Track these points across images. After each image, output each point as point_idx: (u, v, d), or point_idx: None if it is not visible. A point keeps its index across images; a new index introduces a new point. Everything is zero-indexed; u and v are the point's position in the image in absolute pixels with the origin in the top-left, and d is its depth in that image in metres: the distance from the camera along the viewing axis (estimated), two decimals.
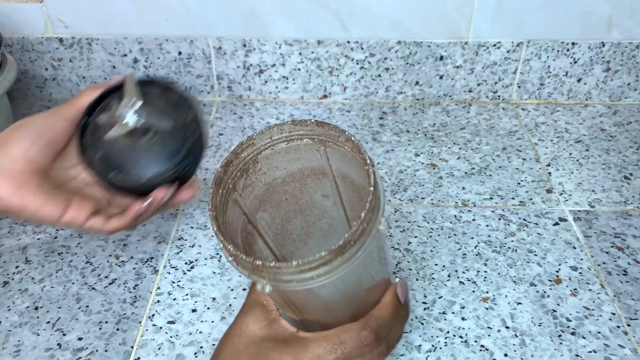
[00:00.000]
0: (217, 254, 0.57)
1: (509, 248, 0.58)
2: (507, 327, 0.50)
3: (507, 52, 0.77)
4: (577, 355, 0.48)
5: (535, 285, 0.54)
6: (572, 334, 0.50)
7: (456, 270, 0.55)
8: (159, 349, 0.48)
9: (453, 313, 0.51)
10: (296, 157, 0.41)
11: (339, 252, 0.32)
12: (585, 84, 0.79)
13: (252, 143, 0.39)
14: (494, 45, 0.76)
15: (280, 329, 0.38)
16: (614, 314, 0.51)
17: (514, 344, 0.49)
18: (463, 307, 0.52)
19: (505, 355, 0.48)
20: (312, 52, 0.77)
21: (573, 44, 0.76)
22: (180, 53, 0.77)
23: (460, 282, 0.54)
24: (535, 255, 0.57)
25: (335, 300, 0.37)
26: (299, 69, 0.78)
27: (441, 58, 0.77)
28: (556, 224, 0.61)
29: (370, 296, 0.39)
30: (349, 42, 0.76)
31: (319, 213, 0.45)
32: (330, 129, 0.38)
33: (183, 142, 0.45)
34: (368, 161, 0.35)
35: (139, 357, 0.48)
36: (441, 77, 0.79)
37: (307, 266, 0.32)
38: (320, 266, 0.32)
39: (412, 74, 0.79)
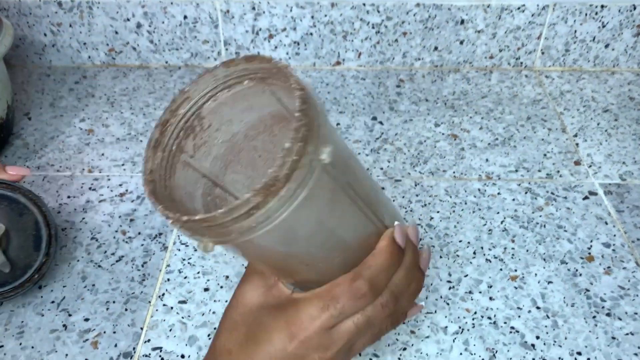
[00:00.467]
0: None
1: (537, 223, 0.55)
2: (538, 308, 0.47)
3: (532, 15, 0.72)
4: (613, 338, 0.45)
5: (567, 263, 0.51)
6: (608, 315, 0.47)
7: (482, 247, 0.52)
8: (170, 330, 0.46)
9: (480, 292, 0.49)
10: (246, 105, 0.36)
11: (267, 192, 0.27)
12: (613, 49, 0.75)
13: (188, 97, 0.34)
14: (518, 8, 0.72)
15: (277, 294, 0.35)
16: None
17: (545, 326, 0.46)
18: (490, 287, 0.49)
19: (537, 337, 0.45)
20: (325, 16, 0.72)
21: (602, 6, 0.71)
22: (185, 17, 0.73)
23: (486, 259, 0.51)
24: (565, 231, 0.54)
25: (305, 252, 0.33)
26: (311, 34, 0.74)
27: (462, 22, 0.73)
28: (586, 197, 0.58)
29: (363, 247, 0.35)
30: (364, 4, 0.71)
31: None
32: (262, 62, 0.32)
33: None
34: (293, 84, 0.29)
35: (149, 339, 0.45)
36: (461, 43, 0.75)
37: (237, 213, 0.28)
38: (252, 210, 0.28)
39: (430, 39, 0.74)
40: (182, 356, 0.44)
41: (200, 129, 0.35)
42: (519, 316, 0.47)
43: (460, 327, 0.46)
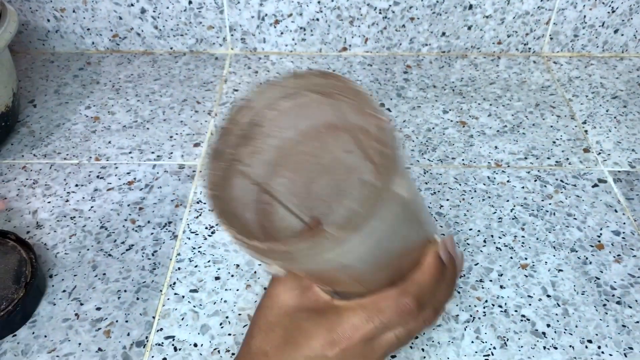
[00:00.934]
0: None
1: (547, 211, 0.55)
2: (548, 296, 0.47)
3: (541, 0, 0.71)
4: (623, 326, 0.45)
5: (577, 251, 0.51)
6: (618, 303, 0.47)
7: (492, 236, 0.52)
8: (182, 319, 0.46)
9: (491, 281, 0.49)
10: (305, 114, 0.36)
11: (351, 227, 0.28)
12: (622, 35, 0.74)
13: (251, 106, 0.34)
14: None
15: (314, 297, 0.36)
16: None
17: (556, 314, 0.46)
18: (501, 275, 0.49)
19: (548, 325, 0.45)
20: (332, 1, 0.72)
21: None
22: (190, 2, 0.72)
23: (497, 247, 0.51)
24: (575, 219, 0.54)
25: (361, 272, 0.33)
26: (318, 19, 0.73)
27: (470, 7, 0.72)
28: (595, 185, 0.58)
29: (407, 260, 0.36)
30: None
31: (346, 170, 0.40)
32: (337, 81, 0.32)
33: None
34: (378, 114, 0.29)
35: (161, 328, 0.45)
36: (469, 28, 0.74)
37: (318, 248, 0.28)
38: (333, 245, 0.28)
39: (438, 24, 0.74)
40: (195, 345, 0.44)
41: (258, 136, 0.35)
42: (530, 304, 0.47)
43: (471, 316, 0.46)
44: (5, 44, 0.57)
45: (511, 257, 0.51)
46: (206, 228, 0.53)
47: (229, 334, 0.45)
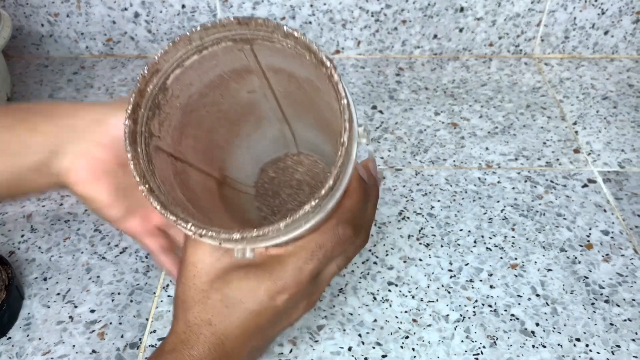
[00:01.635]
0: None
1: (537, 212, 0.55)
2: (537, 295, 0.48)
3: (532, 2, 0.72)
4: (611, 324, 0.46)
5: (566, 251, 0.52)
6: (606, 301, 0.47)
7: (482, 236, 0.53)
8: None
9: (481, 281, 0.49)
10: (212, 64, 0.32)
11: (324, 198, 0.29)
12: (612, 36, 0.75)
13: (157, 69, 0.31)
14: None
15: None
16: None
17: (545, 313, 0.47)
18: (491, 275, 0.50)
19: (537, 324, 0.46)
20: (324, 4, 0.72)
21: None
22: (183, 6, 0.73)
23: (487, 248, 0.52)
24: (565, 219, 0.55)
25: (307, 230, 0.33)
26: (310, 22, 0.74)
27: (461, 9, 0.73)
28: (585, 185, 0.58)
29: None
30: None
31: (244, 110, 0.37)
32: (259, 26, 0.29)
33: None
34: (328, 63, 0.28)
35: (155, 330, 0.46)
36: (461, 30, 0.74)
37: (295, 224, 0.29)
38: (306, 217, 0.29)
39: (430, 27, 0.74)
40: None
41: (164, 101, 0.32)
42: (519, 304, 0.47)
43: (461, 315, 0.47)
44: None
45: (501, 257, 0.51)
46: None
47: None
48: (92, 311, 0.47)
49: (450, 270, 0.50)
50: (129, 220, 0.40)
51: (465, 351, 0.44)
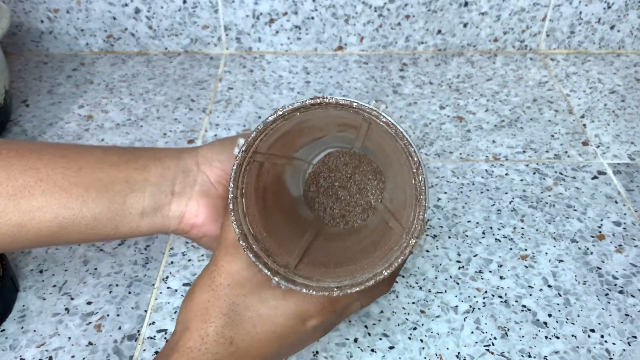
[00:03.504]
0: None
1: (547, 203, 0.54)
2: (549, 286, 0.46)
3: None
4: (626, 315, 0.44)
5: (577, 242, 0.50)
6: (620, 292, 0.46)
7: (491, 227, 0.52)
8: (175, 312, 0.45)
9: (490, 272, 0.48)
10: (342, 114, 0.35)
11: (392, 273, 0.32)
12: (618, 31, 0.74)
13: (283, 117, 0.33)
14: None
15: None
16: None
17: (557, 304, 0.45)
18: (501, 266, 0.48)
19: (550, 315, 0.44)
20: None
21: None
22: (185, 2, 0.72)
23: (496, 239, 0.50)
24: (575, 210, 0.53)
25: None
26: (313, 18, 0.73)
27: (465, 4, 0.72)
28: (595, 177, 0.57)
29: None
30: None
31: (335, 126, 0.40)
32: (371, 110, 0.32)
33: None
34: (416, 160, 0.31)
35: (154, 322, 0.44)
36: (465, 25, 0.74)
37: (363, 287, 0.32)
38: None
39: (434, 22, 0.73)
40: None
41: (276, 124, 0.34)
42: (530, 295, 0.46)
43: (471, 306, 0.45)
44: None
45: (510, 249, 0.50)
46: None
47: None
48: (89, 303, 0.45)
49: (458, 262, 0.49)
50: None
51: (476, 342, 0.42)
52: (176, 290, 0.46)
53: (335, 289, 0.32)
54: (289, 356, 0.35)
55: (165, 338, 0.43)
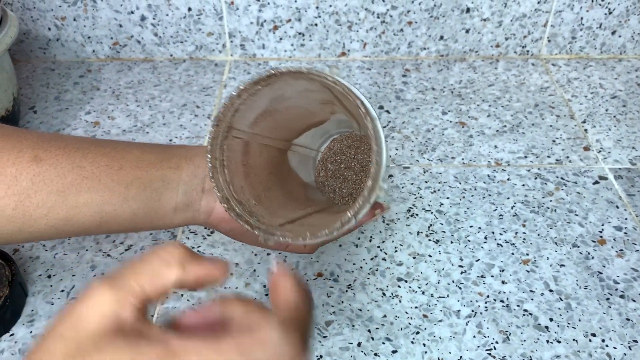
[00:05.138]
0: None
1: (548, 208, 0.54)
2: (550, 291, 0.47)
3: (538, 3, 0.72)
4: (627, 319, 0.45)
5: (578, 247, 0.51)
6: (621, 296, 0.46)
7: (493, 232, 0.52)
8: None
9: (492, 276, 0.48)
10: (305, 87, 0.38)
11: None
12: (619, 36, 0.75)
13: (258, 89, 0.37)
14: None
15: (144, 325, 0.25)
16: None
17: (559, 308, 0.46)
18: (502, 270, 0.49)
19: (551, 319, 0.45)
20: (330, 6, 0.72)
21: None
22: (190, 9, 0.73)
23: (498, 244, 0.51)
24: (576, 215, 0.54)
25: None
26: (316, 25, 0.74)
27: (467, 10, 0.72)
28: (596, 182, 0.57)
29: None
30: None
31: (323, 108, 0.43)
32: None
33: None
34: (364, 109, 0.34)
35: (160, 326, 0.45)
36: (467, 31, 0.74)
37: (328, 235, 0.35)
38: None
39: (436, 28, 0.74)
40: None
41: (252, 95, 0.37)
42: (532, 299, 0.46)
43: (473, 311, 0.45)
44: (5, 48, 0.58)
45: (512, 253, 0.50)
46: (205, 228, 0.53)
47: None
48: None
49: (460, 266, 0.49)
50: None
51: (478, 346, 0.43)
52: (182, 295, 0.47)
53: (308, 235, 0.35)
54: None
55: None
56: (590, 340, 0.43)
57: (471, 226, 0.53)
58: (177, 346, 0.22)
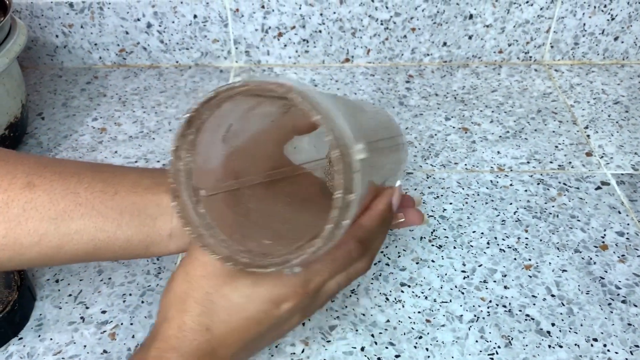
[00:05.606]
0: None
1: (550, 214, 0.55)
2: (552, 296, 0.47)
3: (541, 9, 0.72)
4: (629, 324, 0.45)
5: (580, 252, 0.51)
6: (623, 302, 0.47)
7: (495, 237, 0.52)
8: None
9: (495, 282, 0.49)
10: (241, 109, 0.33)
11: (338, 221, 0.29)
12: (622, 42, 0.75)
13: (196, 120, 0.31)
14: (527, 2, 0.72)
15: None
16: None
17: (561, 313, 0.46)
18: (505, 276, 0.49)
19: (553, 324, 0.45)
20: (334, 13, 0.73)
21: None
22: (195, 16, 0.74)
23: (500, 249, 0.51)
24: (579, 220, 0.54)
25: None
26: (320, 31, 0.75)
27: (470, 17, 0.73)
28: (598, 188, 0.58)
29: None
30: (372, 0, 0.72)
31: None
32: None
33: None
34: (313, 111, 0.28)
35: None
36: (470, 38, 0.75)
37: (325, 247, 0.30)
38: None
39: (439, 34, 0.75)
40: None
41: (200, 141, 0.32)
42: (534, 304, 0.47)
43: (475, 316, 0.46)
44: (14, 56, 0.59)
45: (515, 258, 0.51)
46: None
47: None
48: (104, 312, 0.47)
49: (463, 272, 0.50)
50: None
51: (480, 351, 0.43)
52: None
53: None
54: (272, 341, 0.35)
55: None
56: (592, 345, 0.44)
57: (474, 231, 0.53)
58: None
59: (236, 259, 0.31)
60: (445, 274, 0.49)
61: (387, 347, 0.44)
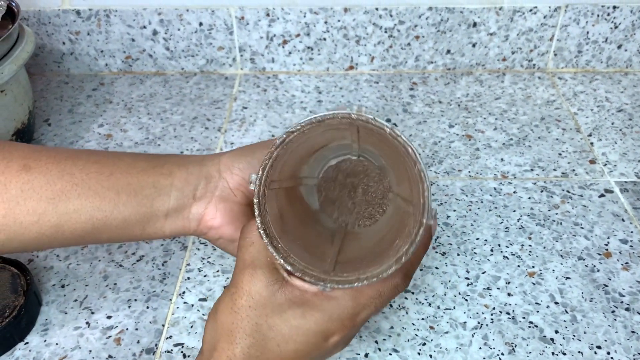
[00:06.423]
0: None
1: (554, 221, 0.55)
2: (556, 303, 0.47)
3: (544, 17, 0.73)
4: (633, 332, 0.45)
5: (584, 259, 0.51)
6: (627, 309, 0.47)
7: (499, 245, 0.53)
8: (192, 327, 0.46)
9: (498, 289, 0.49)
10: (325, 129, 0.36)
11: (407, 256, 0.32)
12: (625, 50, 0.75)
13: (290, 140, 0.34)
14: (530, 10, 0.72)
15: (297, 292, 0.33)
16: None
17: (564, 320, 0.46)
18: (508, 283, 0.49)
19: (556, 331, 0.45)
20: (339, 21, 0.73)
21: (614, 7, 0.72)
22: (201, 24, 0.74)
23: (504, 256, 0.52)
24: (582, 228, 0.54)
25: None
26: (325, 39, 0.75)
27: (474, 25, 0.73)
28: (602, 195, 0.58)
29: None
30: (377, 9, 0.72)
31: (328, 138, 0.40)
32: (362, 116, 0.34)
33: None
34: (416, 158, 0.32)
35: (171, 336, 0.46)
36: (474, 45, 0.75)
37: (379, 276, 0.32)
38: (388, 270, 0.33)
39: (443, 42, 0.75)
40: None
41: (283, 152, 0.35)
42: (538, 311, 0.47)
43: (479, 323, 0.46)
44: (22, 63, 0.59)
45: (518, 266, 0.51)
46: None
47: None
48: (109, 317, 0.47)
49: (467, 279, 0.50)
50: None
51: (484, 358, 0.43)
52: (192, 305, 0.48)
53: (364, 279, 0.32)
54: None
55: (181, 352, 0.44)
56: (595, 353, 0.44)
57: (477, 239, 0.53)
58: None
59: (324, 278, 0.33)
60: (449, 281, 0.49)
61: (390, 354, 0.44)
